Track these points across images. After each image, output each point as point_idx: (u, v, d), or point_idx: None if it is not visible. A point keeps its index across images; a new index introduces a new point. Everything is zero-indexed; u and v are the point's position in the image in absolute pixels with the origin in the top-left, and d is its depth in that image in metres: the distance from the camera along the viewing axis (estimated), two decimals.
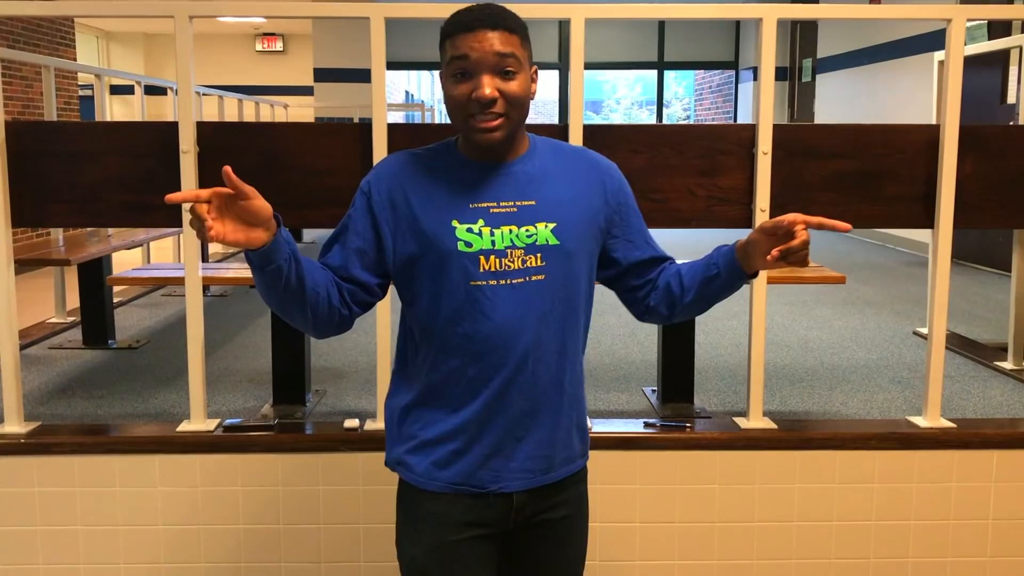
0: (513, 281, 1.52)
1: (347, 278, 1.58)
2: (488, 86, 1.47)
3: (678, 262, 1.72)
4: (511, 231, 1.53)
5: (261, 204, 1.38)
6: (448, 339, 1.54)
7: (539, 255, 1.53)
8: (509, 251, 1.52)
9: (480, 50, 1.47)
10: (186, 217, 2.65)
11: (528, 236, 1.53)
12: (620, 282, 1.71)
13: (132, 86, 5.74)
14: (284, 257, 1.43)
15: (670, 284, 1.67)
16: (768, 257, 1.49)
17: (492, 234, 1.53)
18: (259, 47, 15.77)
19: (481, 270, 1.51)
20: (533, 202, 1.56)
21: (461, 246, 1.51)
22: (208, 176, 2.69)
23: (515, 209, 1.55)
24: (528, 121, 1.60)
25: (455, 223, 1.53)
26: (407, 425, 1.61)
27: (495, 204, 1.55)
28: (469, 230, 1.52)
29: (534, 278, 1.53)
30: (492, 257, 1.52)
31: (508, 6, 1.49)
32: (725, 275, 1.61)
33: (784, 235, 1.50)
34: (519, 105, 1.51)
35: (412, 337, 1.61)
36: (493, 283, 1.52)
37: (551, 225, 1.55)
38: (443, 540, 1.57)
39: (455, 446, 1.56)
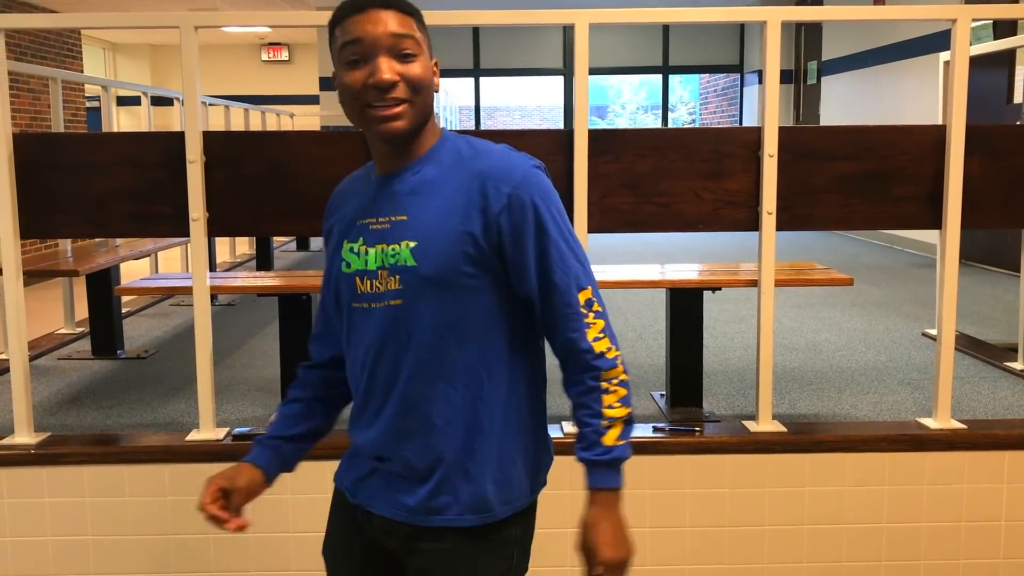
0: (374, 305, 1.38)
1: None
2: (387, 70, 1.32)
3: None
4: (382, 250, 1.38)
5: (248, 490, 1.63)
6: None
7: (397, 277, 1.36)
8: (380, 272, 1.37)
9: (374, 31, 1.32)
10: (193, 227, 2.67)
11: (393, 256, 1.36)
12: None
13: (139, 97, 5.77)
14: (288, 460, 1.69)
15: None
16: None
17: (367, 253, 1.39)
18: (265, 57, 15.82)
19: (359, 292, 1.39)
20: (404, 216, 1.37)
21: (344, 267, 1.42)
22: (214, 186, 2.70)
23: (388, 225, 1.38)
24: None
25: (345, 243, 1.43)
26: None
27: (374, 220, 1.40)
28: (351, 250, 1.41)
29: (392, 303, 1.36)
30: (367, 278, 1.39)
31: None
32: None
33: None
34: (422, 91, 1.35)
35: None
36: (365, 306, 1.39)
37: (412, 244, 1.35)
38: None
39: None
